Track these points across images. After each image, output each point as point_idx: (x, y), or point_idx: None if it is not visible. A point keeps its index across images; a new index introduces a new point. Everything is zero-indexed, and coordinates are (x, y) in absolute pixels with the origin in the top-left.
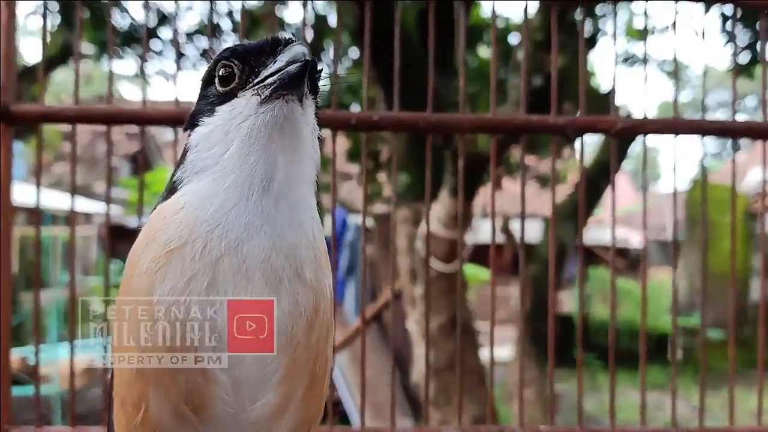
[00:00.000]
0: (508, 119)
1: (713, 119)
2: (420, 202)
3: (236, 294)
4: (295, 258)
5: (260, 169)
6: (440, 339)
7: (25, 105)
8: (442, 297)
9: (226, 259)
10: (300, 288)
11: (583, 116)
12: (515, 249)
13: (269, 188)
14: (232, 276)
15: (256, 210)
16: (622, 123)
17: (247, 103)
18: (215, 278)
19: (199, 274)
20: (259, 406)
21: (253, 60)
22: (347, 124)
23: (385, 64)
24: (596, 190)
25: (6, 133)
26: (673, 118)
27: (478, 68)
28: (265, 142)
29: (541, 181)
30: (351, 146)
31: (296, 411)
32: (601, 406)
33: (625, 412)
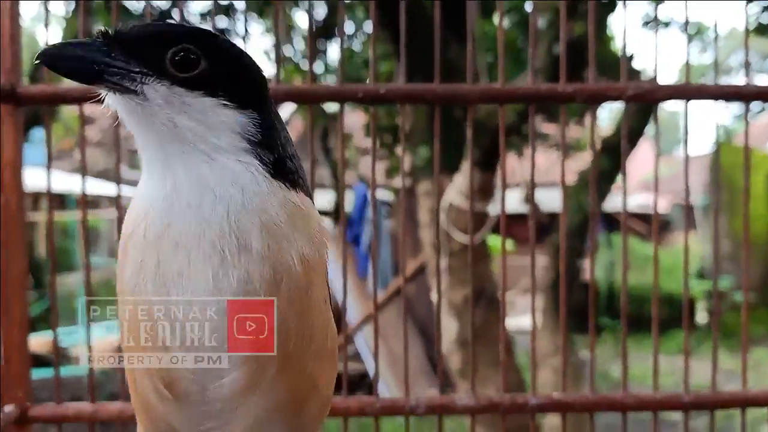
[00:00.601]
0: (517, 89)
1: (725, 84)
2: (441, 175)
3: (181, 272)
4: (237, 230)
5: (159, 157)
6: (465, 310)
7: (31, 86)
8: (466, 269)
9: (165, 239)
10: (247, 261)
11: (593, 84)
12: (539, 218)
13: (172, 171)
14: (173, 255)
15: (172, 190)
16: (633, 89)
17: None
18: (161, 257)
19: (147, 257)
20: (225, 382)
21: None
22: (354, 97)
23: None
24: (618, 156)
25: (13, 114)
26: (685, 83)
27: (495, 37)
28: (143, 131)
29: None
30: (370, 120)
31: (271, 390)
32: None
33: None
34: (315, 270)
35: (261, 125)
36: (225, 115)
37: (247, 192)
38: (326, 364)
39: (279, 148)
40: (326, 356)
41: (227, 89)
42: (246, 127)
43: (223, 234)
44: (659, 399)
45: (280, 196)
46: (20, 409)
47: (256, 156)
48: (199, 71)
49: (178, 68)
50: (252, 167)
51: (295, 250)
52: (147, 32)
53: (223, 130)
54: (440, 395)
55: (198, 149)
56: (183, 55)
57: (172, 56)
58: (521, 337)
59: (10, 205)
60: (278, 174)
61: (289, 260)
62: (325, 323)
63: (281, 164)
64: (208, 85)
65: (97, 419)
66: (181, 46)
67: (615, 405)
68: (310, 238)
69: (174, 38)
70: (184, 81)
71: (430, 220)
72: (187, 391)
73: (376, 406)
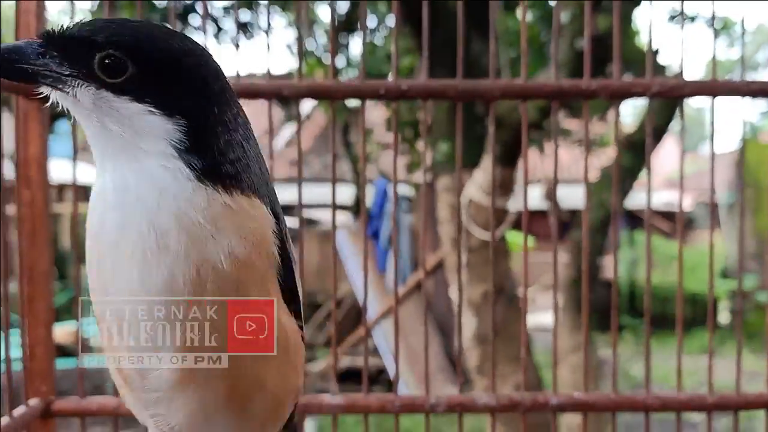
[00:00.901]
0: (540, 85)
1: (753, 80)
2: (461, 170)
3: (113, 270)
4: (154, 227)
5: (98, 155)
6: (484, 307)
7: None
8: (485, 265)
9: (102, 236)
10: (169, 261)
11: (618, 80)
12: (560, 215)
13: (107, 171)
14: (107, 253)
15: (103, 189)
16: (658, 86)
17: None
18: (98, 257)
19: (93, 251)
20: (158, 375)
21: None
22: (376, 94)
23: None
24: (641, 153)
25: (39, 109)
26: (712, 80)
27: (518, 32)
28: (84, 128)
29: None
30: (390, 116)
31: (207, 384)
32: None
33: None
34: (249, 269)
35: (191, 132)
36: (151, 121)
37: (166, 194)
38: (274, 364)
39: (214, 153)
40: (271, 356)
41: (155, 95)
42: (172, 134)
43: (142, 234)
44: (682, 400)
45: (203, 197)
46: (44, 403)
47: (184, 161)
48: (127, 77)
49: (107, 73)
50: (177, 171)
51: (221, 249)
52: (76, 35)
53: (149, 136)
54: (460, 393)
55: (126, 152)
56: (111, 60)
57: (100, 61)
58: (540, 335)
59: (36, 200)
60: (208, 178)
61: (215, 259)
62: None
63: (214, 169)
64: (135, 91)
65: (120, 413)
66: (107, 52)
67: (637, 405)
68: (244, 238)
69: (101, 43)
70: (112, 86)
71: (450, 215)
72: (131, 377)
73: (397, 404)
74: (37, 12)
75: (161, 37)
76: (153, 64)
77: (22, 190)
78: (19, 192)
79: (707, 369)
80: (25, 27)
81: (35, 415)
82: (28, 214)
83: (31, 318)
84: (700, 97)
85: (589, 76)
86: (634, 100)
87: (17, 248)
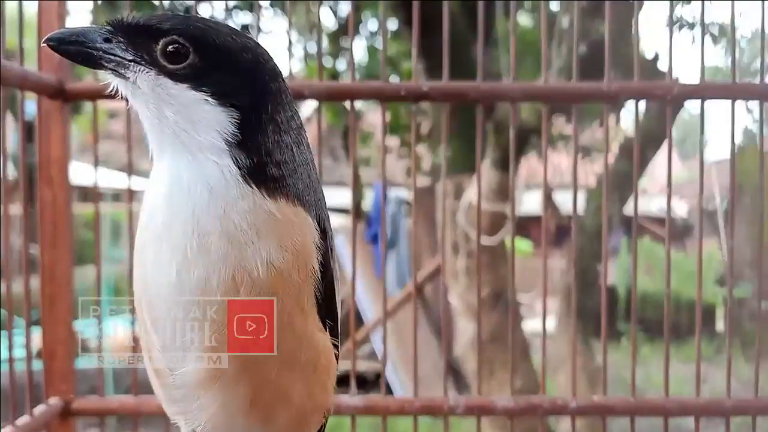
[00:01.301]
0: (560, 87)
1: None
2: (462, 175)
3: (153, 263)
4: (198, 228)
5: (155, 146)
6: (483, 312)
7: (79, 83)
8: (484, 270)
9: (148, 229)
10: (207, 262)
11: (638, 82)
12: (559, 221)
13: (163, 162)
14: (151, 245)
15: (157, 181)
16: (679, 88)
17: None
18: (144, 246)
19: (137, 241)
20: (182, 372)
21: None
22: (396, 96)
23: (426, 35)
24: (641, 159)
25: (61, 110)
26: (732, 83)
27: (519, 36)
28: (142, 118)
29: (584, 151)
30: (391, 119)
31: (230, 388)
32: (647, 378)
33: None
34: (286, 279)
35: (244, 125)
36: (206, 111)
37: (215, 194)
38: (300, 377)
39: (261, 152)
40: (300, 369)
41: (213, 84)
42: (225, 125)
43: (186, 233)
44: (701, 404)
45: (249, 202)
46: (64, 402)
47: (232, 157)
48: (187, 64)
49: (168, 60)
50: (226, 169)
51: (259, 256)
52: (143, 23)
53: (204, 126)
54: (479, 396)
55: (182, 142)
56: (174, 48)
57: (163, 47)
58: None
59: (57, 201)
60: (254, 179)
61: (252, 266)
62: (298, 336)
63: (260, 169)
64: (194, 79)
65: (140, 413)
66: (171, 38)
67: (657, 409)
68: (284, 247)
69: (166, 30)
70: (172, 73)
71: (449, 219)
72: (161, 372)
73: (416, 406)
74: (59, 12)
75: (223, 32)
76: (213, 55)
77: (43, 190)
78: (41, 192)
79: (706, 375)
80: (47, 26)
81: (55, 414)
82: (50, 215)
83: (52, 318)
84: (720, 101)
85: (609, 79)
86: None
87: (39, 248)
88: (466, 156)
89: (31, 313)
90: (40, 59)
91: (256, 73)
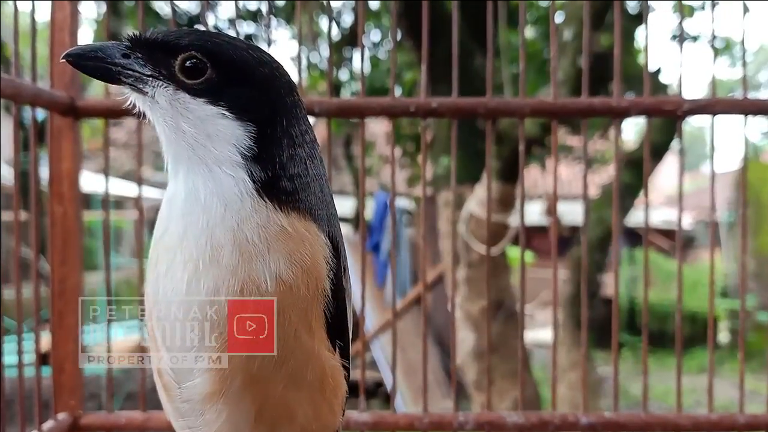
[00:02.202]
0: (570, 103)
1: None
2: (463, 185)
3: (167, 273)
4: (211, 241)
5: (171, 160)
6: (483, 322)
7: (90, 99)
8: (485, 280)
9: (163, 241)
10: (217, 273)
11: (648, 98)
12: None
13: (179, 177)
14: (164, 256)
15: (173, 195)
16: (689, 104)
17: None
18: (158, 258)
19: (152, 254)
20: (193, 384)
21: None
22: (406, 112)
23: (429, 47)
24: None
25: (72, 127)
26: (743, 98)
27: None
28: (160, 132)
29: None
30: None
31: (236, 403)
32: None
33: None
34: (294, 295)
35: (260, 139)
36: (223, 125)
37: (229, 208)
38: (306, 395)
39: (276, 165)
40: (306, 387)
41: (230, 99)
42: (242, 140)
43: (199, 246)
44: (714, 420)
45: (263, 216)
46: (72, 417)
47: (247, 171)
48: (205, 79)
49: (186, 75)
50: (241, 183)
51: (269, 271)
52: (162, 38)
53: (220, 140)
54: (488, 411)
55: (198, 156)
56: (192, 62)
57: (181, 62)
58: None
59: (68, 216)
60: (268, 193)
61: (260, 280)
62: (305, 352)
63: (275, 183)
64: (211, 94)
65: (148, 428)
66: (189, 54)
67: (669, 425)
68: (294, 262)
69: (184, 45)
70: (190, 87)
71: (450, 229)
72: (168, 385)
73: (425, 421)
74: (71, 29)
75: (240, 46)
76: (230, 70)
77: (54, 205)
78: (52, 208)
79: (706, 388)
80: (60, 43)
81: (63, 429)
82: (60, 230)
83: (61, 332)
84: (705, 116)
85: (619, 94)
86: (635, 119)
87: (49, 262)
88: (466, 167)
89: (39, 325)
90: (53, 76)
91: (272, 87)
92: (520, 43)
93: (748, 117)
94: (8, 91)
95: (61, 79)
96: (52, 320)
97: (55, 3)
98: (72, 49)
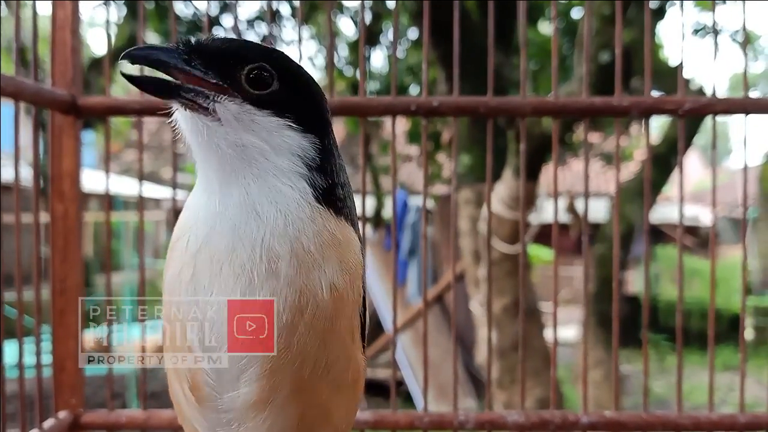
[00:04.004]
0: (571, 102)
1: None
2: (482, 184)
3: (212, 286)
4: (267, 252)
5: (217, 176)
6: (505, 320)
7: (91, 98)
8: (506, 278)
9: (202, 252)
10: (274, 284)
11: (649, 97)
12: (580, 228)
13: (220, 188)
14: (207, 267)
15: (219, 207)
16: (690, 104)
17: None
18: (196, 270)
19: (185, 266)
20: (234, 396)
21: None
22: (407, 111)
23: (446, 45)
24: (665, 167)
25: (74, 125)
26: (744, 97)
27: (539, 44)
28: (206, 150)
29: (605, 159)
30: (410, 128)
31: (282, 411)
32: (670, 388)
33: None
34: (344, 301)
35: (320, 150)
36: (289, 136)
37: (290, 218)
38: (343, 398)
39: (333, 175)
40: (344, 390)
41: (294, 111)
42: (307, 151)
43: (253, 257)
44: (715, 420)
45: (319, 224)
46: (73, 415)
47: (309, 181)
48: (271, 90)
49: (252, 85)
50: (301, 192)
51: (325, 279)
52: (227, 46)
53: (284, 151)
54: (489, 411)
55: (258, 167)
56: (258, 73)
57: (248, 73)
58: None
59: (69, 214)
60: (326, 201)
61: (317, 288)
62: (348, 356)
63: (331, 191)
64: (277, 106)
65: (149, 426)
66: (258, 64)
67: (669, 425)
68: (344, 269)
69: (252, 56)
70: (256, 99)
71: (470, 228)
72: (206, 397)
73: (425, 420)
74: (72, 27)
75: (293, 60)
76: (292, 83)
77: (55, 204)
78: (53, 206)
79: (734, 384)
80: (61, 42)
81: (64, 427)
82: (61, 228)
83: (62, 331)
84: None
85: (620, 94)
86: None
87: (50, 261)
88: (485, 164)
89: (41, 326)
90: (54, 75)
91: (322, 100)
92: (521, 43)
93: (749, 116)
94: (9, 90)
95: (62, 78)
96: (54, 319)
97: (56, 3)
98: (133, 49)
